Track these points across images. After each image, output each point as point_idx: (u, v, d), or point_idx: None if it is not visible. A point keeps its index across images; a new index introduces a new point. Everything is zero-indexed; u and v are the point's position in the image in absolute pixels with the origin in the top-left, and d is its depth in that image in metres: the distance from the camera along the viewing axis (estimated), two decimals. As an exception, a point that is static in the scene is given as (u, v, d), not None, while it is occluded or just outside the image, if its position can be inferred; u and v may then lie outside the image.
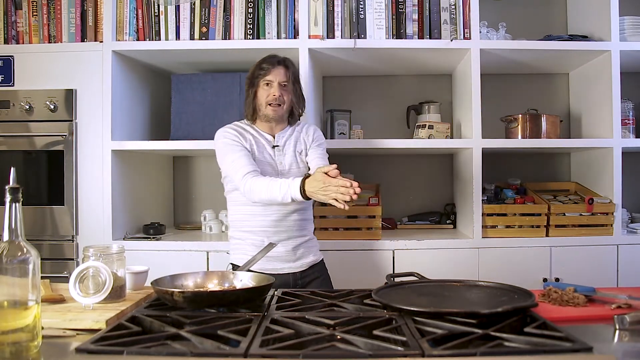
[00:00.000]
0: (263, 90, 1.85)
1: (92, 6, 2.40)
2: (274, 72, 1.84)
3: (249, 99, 1.88)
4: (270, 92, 1.83)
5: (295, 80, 1.90)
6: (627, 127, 2.54)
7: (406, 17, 2.40)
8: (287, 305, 1.24)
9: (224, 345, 0.91)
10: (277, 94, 1.83)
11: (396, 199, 2.89)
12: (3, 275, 0.93)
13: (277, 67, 1.85)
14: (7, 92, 2.35)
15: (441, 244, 2.34)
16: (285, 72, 1.86)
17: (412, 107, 2.76)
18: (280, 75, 1.84)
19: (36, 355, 0.93)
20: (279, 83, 1.84)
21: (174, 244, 2.35)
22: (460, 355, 0.87)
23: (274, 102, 1.83)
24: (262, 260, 1.61)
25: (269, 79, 1.84)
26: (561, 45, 2.44)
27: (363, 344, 0.92)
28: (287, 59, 1.91)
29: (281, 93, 1.84)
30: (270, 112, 1.84)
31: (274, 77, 1.84)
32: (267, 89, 1.84)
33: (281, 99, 1.84)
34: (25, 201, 1.01)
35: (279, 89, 1.84)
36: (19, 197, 0.97)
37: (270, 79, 1.84)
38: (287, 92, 1.87)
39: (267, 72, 1.84)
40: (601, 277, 2.31)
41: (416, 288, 1.32)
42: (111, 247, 1.38)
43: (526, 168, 2.89)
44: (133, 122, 2.57)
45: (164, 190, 2.91)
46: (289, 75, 1.87)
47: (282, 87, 1.85)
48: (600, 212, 2.39)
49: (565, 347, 0.88)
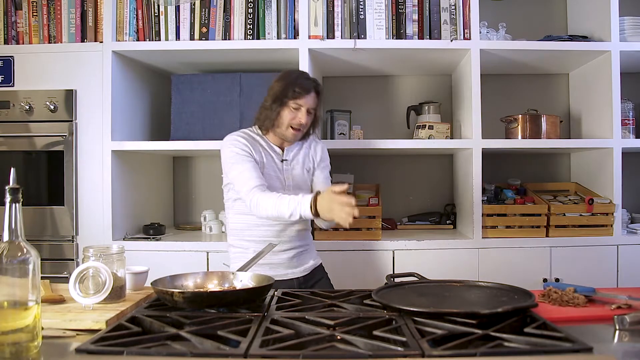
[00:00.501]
0: (289, 113, 1.79)
1: (92, 6, 2.40)
2: (307, 98, 1.79)
3: (271, 113, 1.81)
4: (297, 116, 1.79)
5: (320, 105, 1.88)
6: (627, 128, 2.54)
7: (406, 17, 2.40)
8: (287, 305, 1.24)
9: (224, 346, 0.91)
10: (304, 121, 1.79)
11: (396, 199, 2.89)
12: (3, 276, 0.93)
13: (311, 94, 1.80)
14: (7, 92, 2.35)
15: (441, 245, 2.34)
16: (316, 99, 1.83)
17: (412, 107, 2.76)
18: (311, 102, 1.81)
19: (36, 355, 0.93)
20: (307, 110, 1.80)
21: (174, 244, 2.35)
22: (460, 356, 0.87)
23: (297, 127, 1.80)
24: (266, 268, 1.60)
25: (300, 104, 1.79)
26: (561, 45, 2.44)
27: (363, 344, 0.92)
28: (318, 83, 1.87)
29: (307, 120, 1.81)
30: (291, 135, 1.81)
31: (304, 103, 1.79)
32: (294, 112, 1.79)
33: (304, 125, 1.82)
34: (25, 201, 1.01)
35: (306, 116, 1.80)
36: (19, 197, 0.97)
37: (301, 104, 1.79)
38: (310, 118, 1.83)
39: (299, 96, 1.78)
40: (601, 278, 2.31)
41: (416, 288, 1.32)
42: (111, 247, 1.38)
43: (526, 168, 2.89)
44: (133, 123, 2.57)
45: (164, 190, 2.91)
46: (317, 102, 1.84)
47: (308, 113, 1.82)
48: (600, 212, 2.39)
49: (565, 347, 0.88)
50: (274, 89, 1.83)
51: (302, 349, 0.90)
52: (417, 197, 2.93)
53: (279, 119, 1.80)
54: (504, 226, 2.41)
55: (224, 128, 2.48)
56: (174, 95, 2.54)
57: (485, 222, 2.38)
